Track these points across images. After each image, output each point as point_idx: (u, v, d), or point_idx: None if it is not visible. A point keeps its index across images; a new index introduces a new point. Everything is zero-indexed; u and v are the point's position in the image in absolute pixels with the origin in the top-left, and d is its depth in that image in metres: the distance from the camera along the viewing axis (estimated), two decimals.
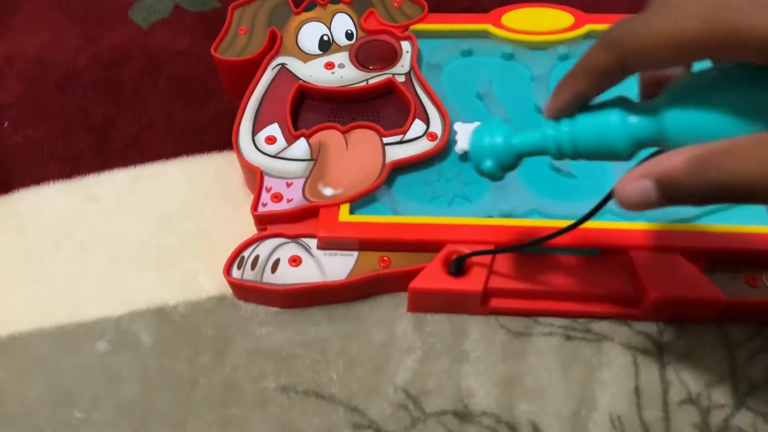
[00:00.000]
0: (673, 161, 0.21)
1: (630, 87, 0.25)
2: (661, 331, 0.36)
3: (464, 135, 0.39)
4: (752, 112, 0.20)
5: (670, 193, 0.21)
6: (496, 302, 0.36)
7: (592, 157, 0.25)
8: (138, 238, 0.41)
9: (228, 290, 0.38)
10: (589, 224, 0.36)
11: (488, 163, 0.27)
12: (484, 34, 0.46)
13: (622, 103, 0.24)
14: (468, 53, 0.45)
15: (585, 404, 0.34)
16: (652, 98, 0.23)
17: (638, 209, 0.22)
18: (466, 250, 0.36)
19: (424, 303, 0.36)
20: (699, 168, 0.20)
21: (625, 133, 0.23)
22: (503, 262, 0.36)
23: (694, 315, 0.36)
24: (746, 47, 0.19)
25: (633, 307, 0.36)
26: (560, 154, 0.25)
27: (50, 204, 0.43)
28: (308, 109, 0.43)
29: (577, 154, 0.25)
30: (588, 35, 0.45)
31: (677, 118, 0.22)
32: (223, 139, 0.45)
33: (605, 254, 0.36)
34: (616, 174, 0.39)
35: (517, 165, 0.28)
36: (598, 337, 0.36)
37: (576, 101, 0.24)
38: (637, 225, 0.36)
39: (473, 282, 0.35)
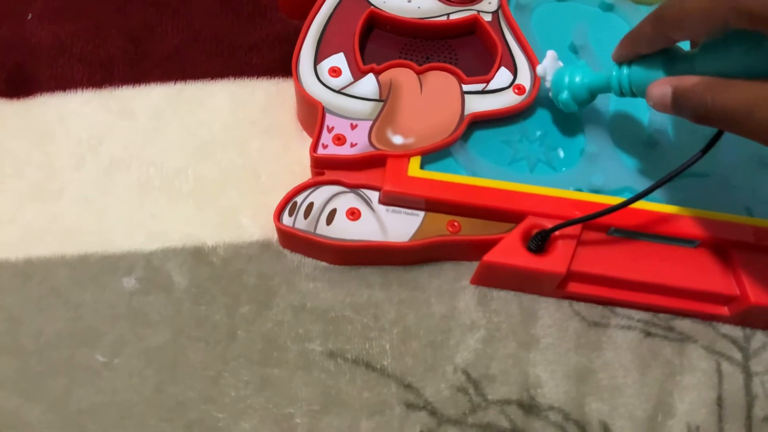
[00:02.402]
0: (690, 80, 0.27)
1: None
2: (747, 337, 0.33)
3: (551, 67, 0.34)
4: (754, 62, 0.25)
5: (678, 101, 0.27)
6: (574, 286, 0.32)
7: (643, 95, 0.29)
8: (174, 164, 0.36)
9: (273, 236, 0.34)
10: (691, 212, 0.32)
11: (564, 95, 0.33)
12: None
13: (668, 54, 0.29)
14: None
15: (662, 409, 0.30)
16: None
17: (658, 108, 0.28)
18: (548, 224, 0.32)
19: (494, 278, 0.33)
20: (702, 89, 0.26)
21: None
22: (588, 243, 0.32)
23: None
24: (742, 19, 0.24)
25: (725, 308, 0.32)
26: (620, 92, 0.31)
27: (76, 114, 0.38)
28: (377, 40, 0.38)
29: (632, 92, 0.30)
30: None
31: (703, 66, 0.27)
32: (274, 64, 0.40)
33: (703, 247, 0.32)
34: (723, 160, 0.34)
35: (591, 101, 0.33)
36: (680, 336, 0.32)
37: (633, 54, 0.30)
38: (747, 220, 0.32)
39: (555, 262, 0.31)
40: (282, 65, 0.40)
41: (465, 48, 0.38)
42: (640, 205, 0.32)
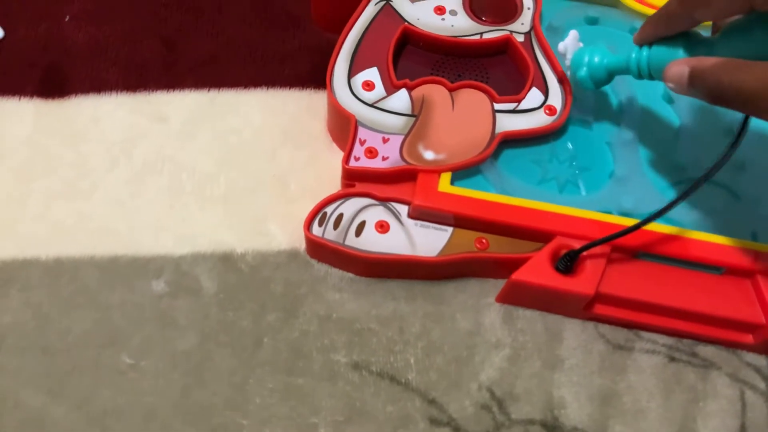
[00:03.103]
0: (707, 60, 0.27)
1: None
2: None
3: (572, 46, 0.36)
4: None
5: (694, 80, 0.27)
6: (600, 308, 0.32)
7: (661, 78, 0.30)
8: (205, 169, 0.37)
9: (300, 245, 0.34)
10: (717, 239, 0.32)
11: (582, 72, 0.34)
12: (614, 3, 0.40)
13: (689, 37, 0.30)
14: (594, 21, 0.40)
15: None
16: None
17: (674, 87, 0.28)
18: (576, 245, 0.32)
19: (520, 296, 0.33)
20: (719, 70, 0.26)
21: None
22: (616, 265, 0.32)
23: None
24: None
25: (749, 336, 0.32)
26: (639, 74, 0.32)
27: (110, 116, 0.38)
28: (409, 57, 0.39)
29: (650, 74, 0.31)
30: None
31: (724, 49, 0.28)
32: (306, 75, 0.40)
33: (730, 274, 0.32)
34: (748, 191, 0.34)
35: (608, 81, 0.34)
36: (704, 363, 0.32)
37: (654, 36, 0.31)
38: None
39: (584, 283, 0.31)
40: (314, 77, 0.40)
41: (497, 67, 0.38)
42: (668, 230, 0.32)
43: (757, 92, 0.24)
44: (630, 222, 0.33)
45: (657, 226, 0.33)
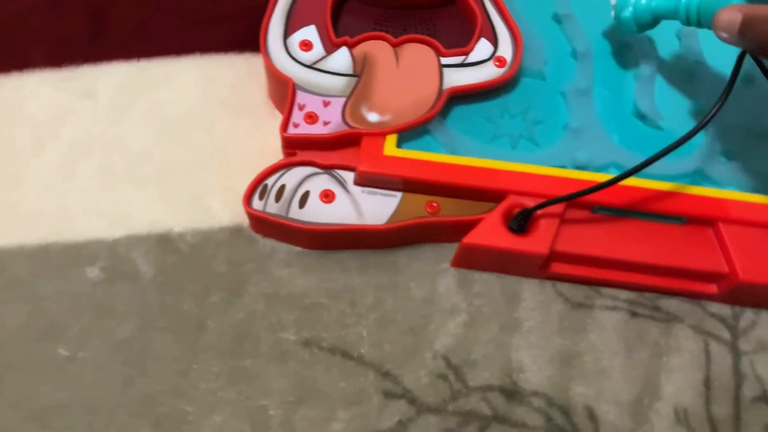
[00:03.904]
0: (763, 9, 0.26)
1: None
2: (736, 315, 0.32)
3: None
4: None
5: (746, 28, 0.26)
6: (557, 267, 0.31)
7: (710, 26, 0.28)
8: (138, 147, 0.34)
9: (244, 220, 0.32)
10: (678, 188, 0.31)
11: (627, 13, 0.33)
12: None
13: None
14: None
15: (648, 392, 0.30)
16: None
17: (722, 34, 0.27)
18: (530, 203, 0.30)
19: (475, 260, 0.31)
20: None
21: None
22: (572, 222, 0.31)
23: None
24: None
25: (713, 286, 0.31)
26: (687, 21, 0.30)
27: (34, 95, 0.36)
28: (350, 12, 0.36)
29: (698, 21, 0.29)
30: None
31: None
32: (244, 38, 0.38)
33: (691, 224, 0.31)
34: (709, 132, 0.33)
35: (652, 26, 0.33)
36: (667, 316, 0.31)
37: None
38: (734, 194, 0.31)
39: (538, 242, 0.30)
40: (252, 39, 0.37)
41: (444, 19, 0.36)
42: (626, 181, 0.31)
43: None
44: (585, 176, 0.31)
45: (610, 177, 0.31)
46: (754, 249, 0.30)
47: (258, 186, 0.31)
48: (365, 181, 0.31)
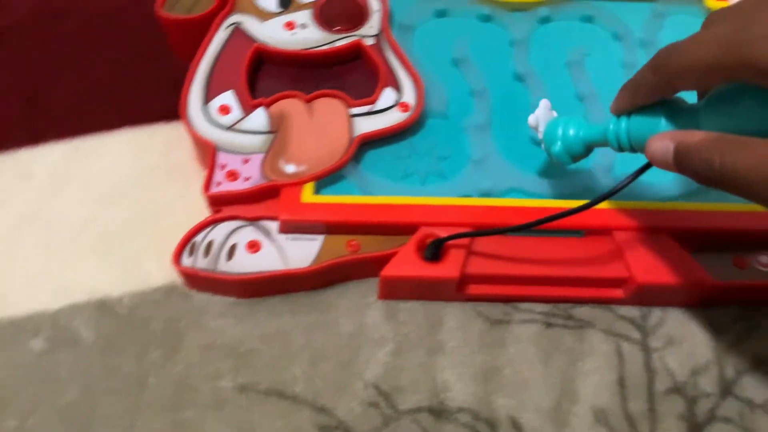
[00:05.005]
0: (694, 135, 0.24)
1: None
2: (644, 315, 0.34)
3: (543, 117, 0.34)
4: (762, 119, 0.23)
5: (681, 159, 0.24)
6: (473, 288, 0.33)
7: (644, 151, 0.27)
8: (75, 219, 0.36)
9: (178, 278, 0.34)
10: (570, 203, 0.34)
11: (557, 147, 0.32)
12: None
13: (671, 105, 0.27)
14: (442, 14, 0.41)
15: (566, 397, 0.32)
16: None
17: (658, 165, 0.26)
18: (441, 233, 0.33)
19: (397, 290, 0.34)
20: (708, 148, 0.23)
21: None
22: (482, 245, 0.33)
23: (681, 299, 0.34)
24: (751, 74, 0.22)
25: (618, 291, 0.34)
26: (619, 147, 0.29)
27: None
28: (267, 75, 0.39)
29: (632, 147, 0.28)
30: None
31: (709, 121, 0.25)
32: (172, 108, 0.40)
33: (590, 235, 0.34)
34: (599, 150, 0.36)
35: (586, 155, 0.31)
36: (579, 323, 0.34)
37: (632, 105, 0.28)
38: (624, 204, 0.34)
39: (449, 268, 0.32)
40: (178, 108, 0.40)
41: (353, 73, 0.39)
42: (525, 203, 0.34)
43: (753, 177, 0.21)
44: (489, 202, 0.34)
45: (515, 201, 0.34)
46: (647, 252, 0.33)
47: (187, 244, 0.33)
48: (288, 228, 0.34)
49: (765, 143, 0.21)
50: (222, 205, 0.34)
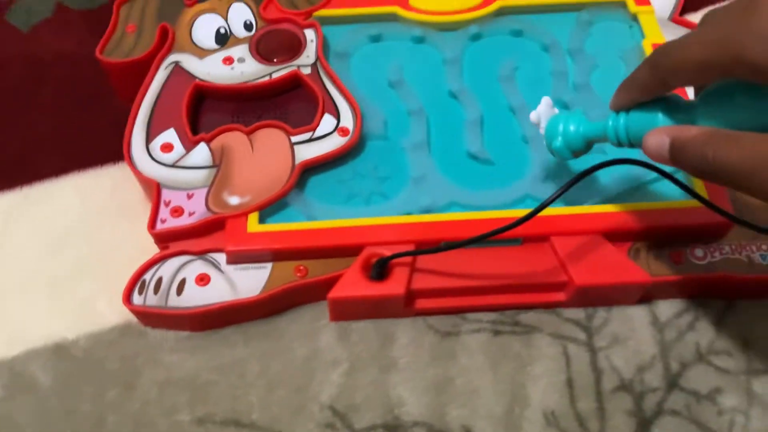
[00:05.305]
0: (689, 130, 0.25)
1: None
2: (589, 316, 0.35)
3: (545, 114, 0.34)
4: (759, 113, 0.24)
5: (676, 154, 0.25)
6: (421, 303, 0.34)
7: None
8: (27, 265, 0.37)
9: (132, 316, 0.35)
10: (509, 213, 0.35)
11: (557, 143, 0.32)
12: (393, 17, 0.43)
13: (668, 101, 0.28)
14: (377, 38, 0.43)
15: (517, 402, 0.32)
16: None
17: (655, 159, 0.27)
18: (386, 252, 0.34)
19: (347, 311, 0.34)
20: (702, 142, 0.24)
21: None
22: (425, 261, 0.34)
23: (622, 298, 0.35)
24: (745, 71, 0.23)
25: (560, 294, 0.35)
26: (618, 142, 0.30)
27: None
28: (210, 110, 0.40)
29: (630, 143, 0.29)
30: (499, 12, 0.43)
31: (705, 116, 0.26)
32: (117, 149, 0.40)
33: (528, 243, 0.35)
34: (534, 160, 0.37)
35: (586, 150, 0.32)
36: (526, 329, 0.35)
37: (630, 102, 0.29)
38: (558, 210, 0.35)
39: (395, 285, 0.33)
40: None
41: (293, 102, 0.40)
42: (464, 216, 0.35)
43: (745, 170, 0.22)
44: (430, 218, 0.35)
45: (455, 215, 0.35)
46: (583, 255, 0.34)
47: (137, 283, 0.34)
48: (235, 258, 0.34)
49: (757, 137, 0.22)
50: (169, 241, 0.35)
